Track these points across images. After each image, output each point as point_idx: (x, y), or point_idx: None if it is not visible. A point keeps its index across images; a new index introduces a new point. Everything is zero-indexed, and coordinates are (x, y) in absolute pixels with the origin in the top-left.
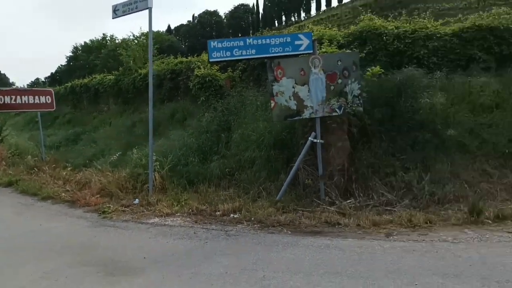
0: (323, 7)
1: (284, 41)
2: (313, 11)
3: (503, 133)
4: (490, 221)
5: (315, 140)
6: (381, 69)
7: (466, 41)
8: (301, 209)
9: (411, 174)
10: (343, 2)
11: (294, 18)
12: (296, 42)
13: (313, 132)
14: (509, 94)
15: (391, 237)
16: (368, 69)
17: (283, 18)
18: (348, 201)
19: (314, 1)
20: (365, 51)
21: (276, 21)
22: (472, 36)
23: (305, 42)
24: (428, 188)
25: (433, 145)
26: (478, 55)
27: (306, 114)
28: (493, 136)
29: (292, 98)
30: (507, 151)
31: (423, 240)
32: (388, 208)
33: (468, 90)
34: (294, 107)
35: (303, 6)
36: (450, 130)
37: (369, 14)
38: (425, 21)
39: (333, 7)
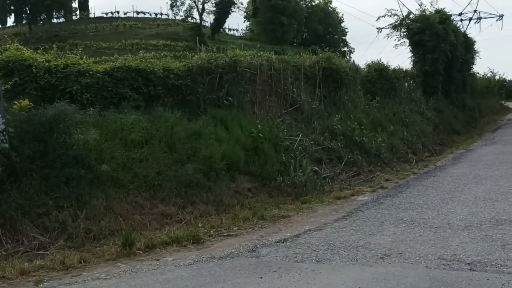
0: None
1: None
2: None
3: (152, 166)
4: (141, 252)
5: None
6: (30, 103)
7: (118, 80)
8: None
9: (65, 212)
10: None
11: None
12: None
13: None
14: (157, 131)
15: (41, 285)
16: (16, 102)
17: None
18: None
19: None
20: (11, 83)
21: None
22: (123, 76)
23: None
24: (83, 226)
25: (88, 180)
26: (129, 93)
27: None
28: (144, 170)
29: None
30: (156, 183)
31: (76, 282)
32: (41, 252)
33: (120, 127)
34: None
35: None
36: (104, 166)
37: (16, 44)
38: (77, 57)
39: None
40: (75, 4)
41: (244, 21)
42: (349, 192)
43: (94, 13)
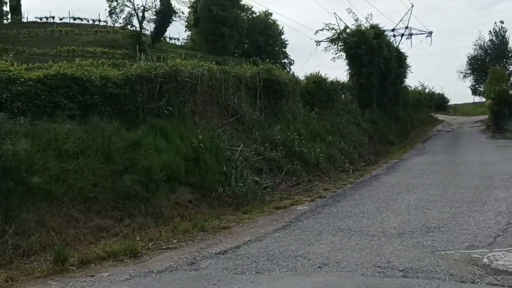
0: None
1: None
2: None
3: (88, 178)
4: (75, 268)
5: None
6: None
7: (52, 88)
8: None
9: None
10: None
11: None
12: None
13: None
14: (93, 141)
15: None
16: None
17: None
18: None
19: None
20: None
21: None
22: (57, 84)
23: None
24: (12, 241)
25: (18, 193)
26: (63, 102)
27: None
28: (79, 182)
29: None
30: (92, 195)
31: None
32: None
33: (54, 137)
34: None
35: None
36: (35, 178)
37: None
38: (7, 63)
39: None
40: (6, 8)
41: (185, 31)
42: (289, 202)
43: (27, 18)
